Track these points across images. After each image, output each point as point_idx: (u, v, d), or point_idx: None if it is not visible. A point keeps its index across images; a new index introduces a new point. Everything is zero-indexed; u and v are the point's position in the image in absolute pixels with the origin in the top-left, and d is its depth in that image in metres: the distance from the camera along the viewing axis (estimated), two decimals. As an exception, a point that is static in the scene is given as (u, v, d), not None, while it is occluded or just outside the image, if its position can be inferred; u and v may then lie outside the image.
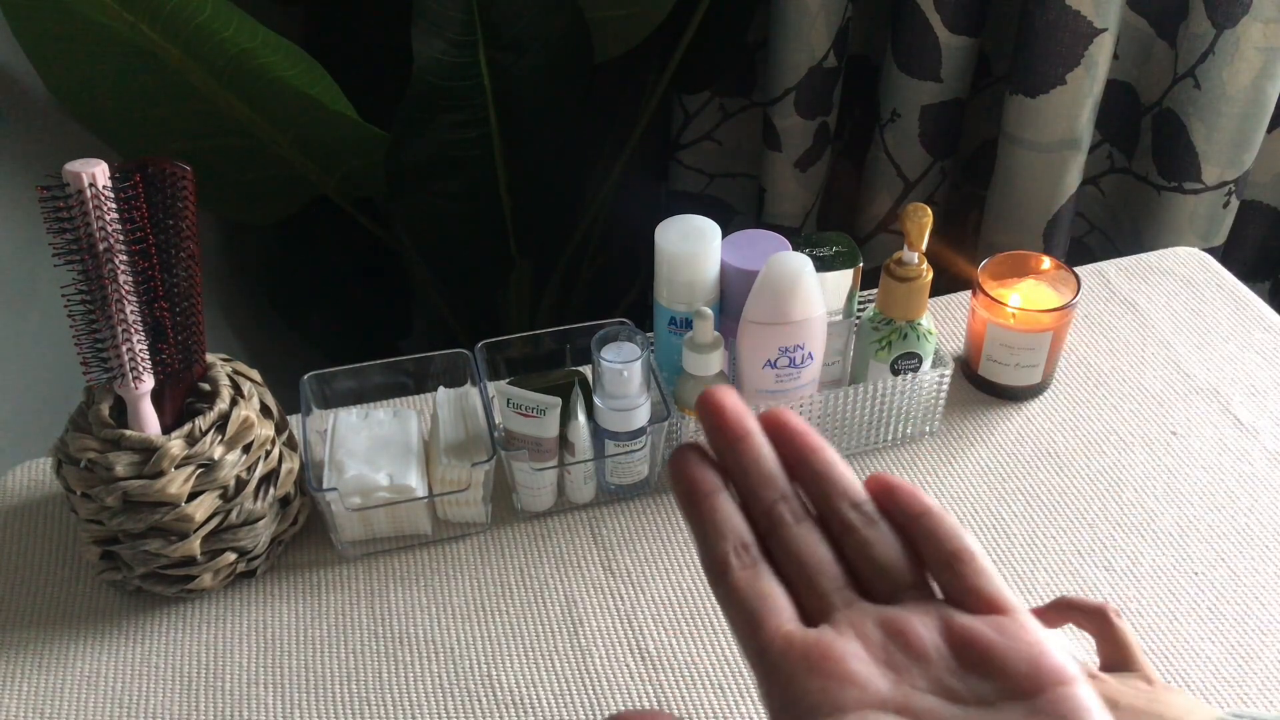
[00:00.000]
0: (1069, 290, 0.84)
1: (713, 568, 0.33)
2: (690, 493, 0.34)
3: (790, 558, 0.33)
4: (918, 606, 0.32)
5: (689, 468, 0.35)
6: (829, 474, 0.34)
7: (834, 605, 0.32)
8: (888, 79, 1.28)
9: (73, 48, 1.00)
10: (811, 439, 0.35)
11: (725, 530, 0.33)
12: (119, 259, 0.64)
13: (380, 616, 0.73)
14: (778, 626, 0.31)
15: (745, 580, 0.32)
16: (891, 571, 0.33)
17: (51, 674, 0.71)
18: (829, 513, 0.34)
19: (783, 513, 0.34)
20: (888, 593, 0.33)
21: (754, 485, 0.34)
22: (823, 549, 0.33)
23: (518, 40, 1.09)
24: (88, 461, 0.68)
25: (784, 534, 0.34)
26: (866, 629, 0.31)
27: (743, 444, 0.34)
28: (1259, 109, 1.11)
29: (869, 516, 0.34)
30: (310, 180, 1.22)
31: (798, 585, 0.33)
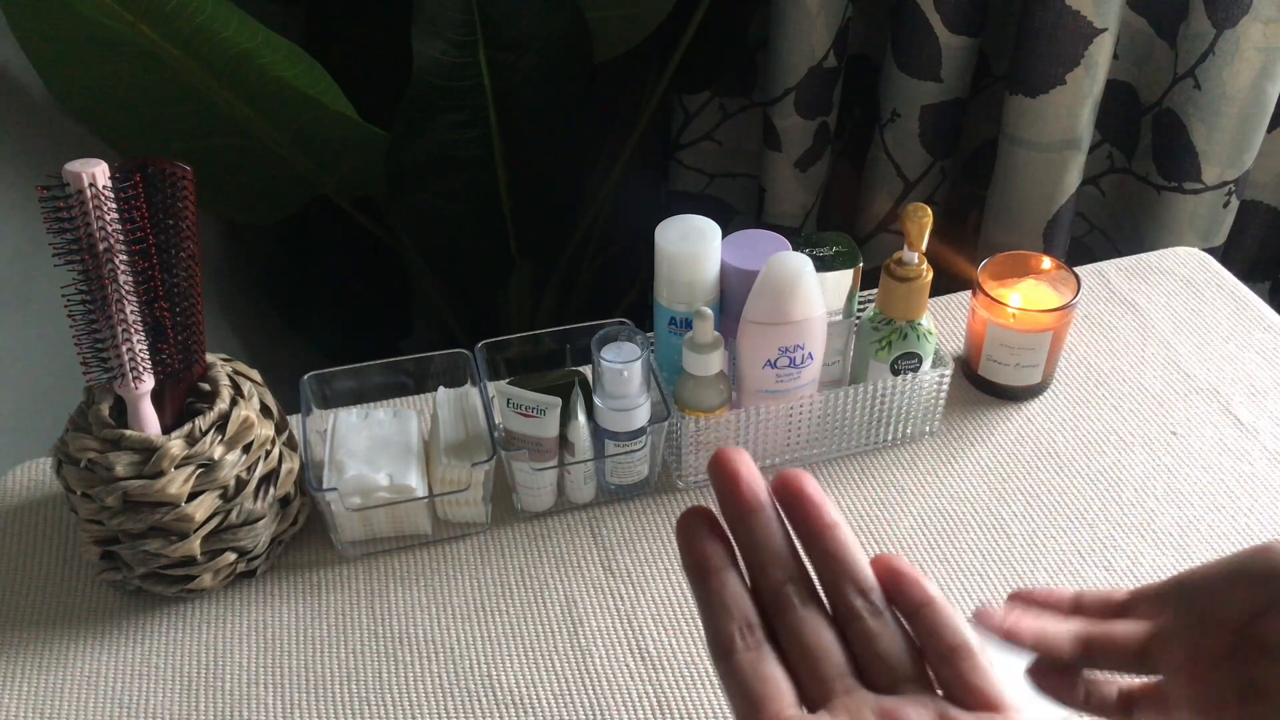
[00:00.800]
0: (1069, 290, 0.84)
1: (717, 646, 0.34)
2: (699, 567, 0.35)
3: (794, 641, 0.34)
4: (916, 700, 0.33)
5: (698, 542, 0.35)
6: (840, 556, 0.35)
7: (834, 692, 0.33)
8: (888, 79, 1.28)
9: (73, 48, 0.99)
10: (826, 515, 0.35)
11: (732, 610, 0.34)
12: (119, 259, 0.64)
13: (380, 616, 0.73)
14: (777, 711, 0.32)
15: (749, 662, 0.33)
16: (893, 663, 0.34)
17: (51, 674, 0.71)
18: (836, 597, 0.35)
19: (790, 595, 0.34)
20: (888, 683, 0.33)
21: (763, 562, 0.35)
22: (827, 635, 0.34)
23: (517, 40, 1.09)
24: (88, 461, 0.68)
25: (790, 617, 0.34)
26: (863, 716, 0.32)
27: (754, 518, 0.35)
28: (1259, 109, 1.11)
29: (875, 607, 0.34)
30: (310, 180, 1.22)
31: (800, 669, 0.34)
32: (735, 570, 0.35)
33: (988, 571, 0.75)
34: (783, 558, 0.35)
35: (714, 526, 0.36)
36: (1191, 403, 0.87)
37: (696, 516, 0.36)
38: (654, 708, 0.68)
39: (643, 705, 0.68)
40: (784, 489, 0.35)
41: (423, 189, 1.18)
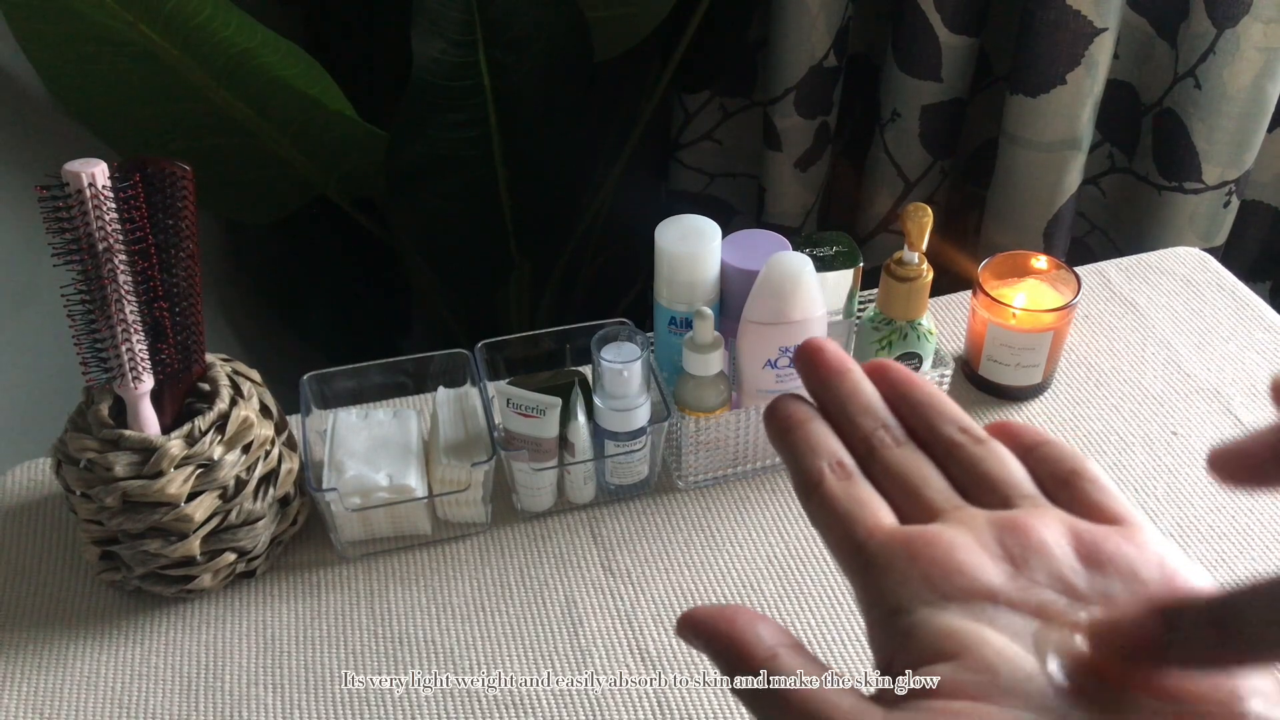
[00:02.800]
0: (1069, 290, 0.84)
1: (805, 484, 0.31)
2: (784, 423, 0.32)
3: (892, 475, 0.31)
4: (1036, 511, 0.29)
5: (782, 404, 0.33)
6: (933, 403, 0.32)
7: (941, 509, 0.29)
8: (888, 78, 1.28)
9: (72, 47, 0.99)
10: (915, 377, 0.33)
11: (819, 449, 0.31)
12: (118, 259, 0.63)
13: (380, 617, 0.73)
14: (877, 522, 0.29)
15: (841, 489, 0.30)
16: (1005, 484, 0.30)
17: (51, 674, 0.70)
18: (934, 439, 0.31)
19: (883, 437, 0.31)
20: (1001, 503, 0.30)
21: (852, 415, 0.32)
22: (927, 465, 0.31)
23: (517, 39, 1.08)
24: (87, 461, 0.68)
25: (884, 455, 0.31)
26: (978, 524, 0.28)
27: (841, 379, 0.32)
28: (1259, 109, 1.11)
29: (977, 437, 0.31)
30: (310, 180, 1.22)
31: (900, 500, 0.30)
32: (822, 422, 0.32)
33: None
34: (873, 408, 0.32)
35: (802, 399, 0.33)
36: (1192, 403, 0.87)
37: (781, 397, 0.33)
38: (654, 708, 0.68)
39: (643, 705, 0.68)
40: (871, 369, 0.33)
41: (422, 189, 1.18)
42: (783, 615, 0.73)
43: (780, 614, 0.73)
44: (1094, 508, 0.30)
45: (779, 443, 0.32)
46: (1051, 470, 0.31)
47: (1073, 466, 0.30)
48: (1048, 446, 0.31)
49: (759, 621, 0.29)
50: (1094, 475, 0.30)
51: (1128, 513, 0.29)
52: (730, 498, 0.81)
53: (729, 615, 0.30)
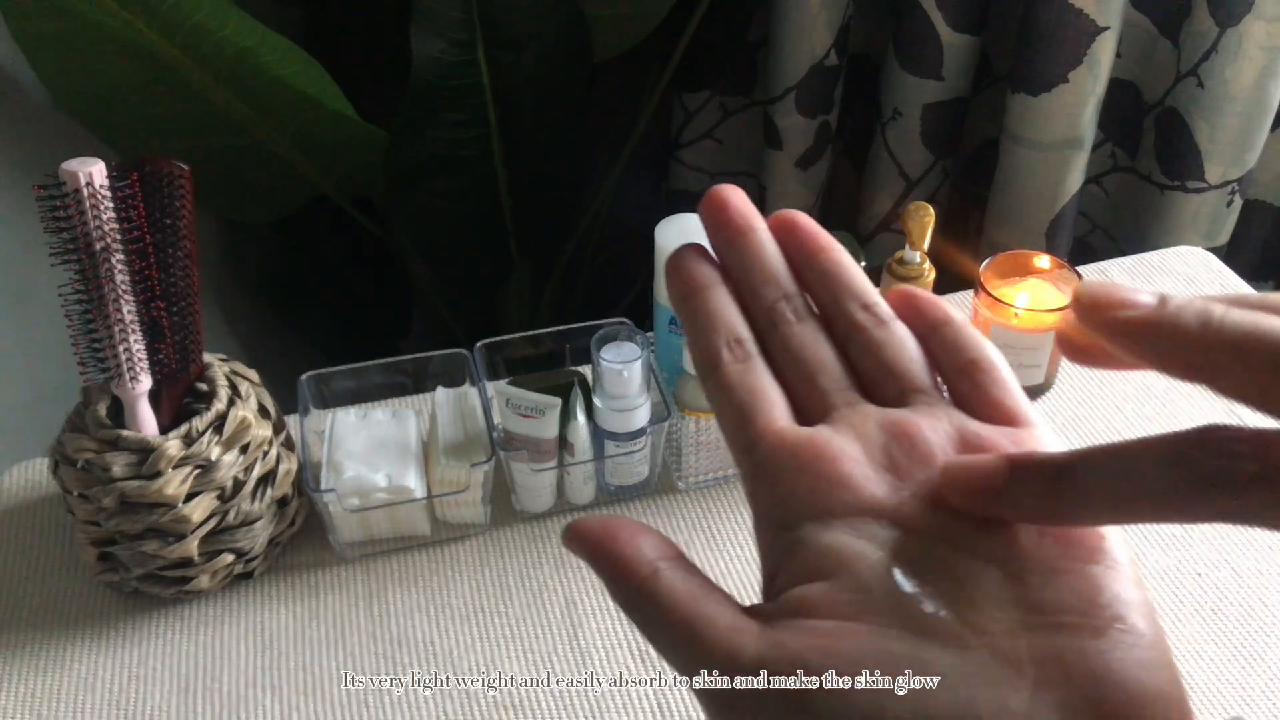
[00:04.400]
0: (1071, 290, 0.83)
1: (703, 362, 0.31)
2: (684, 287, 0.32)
3: (790, 355, 0.30)
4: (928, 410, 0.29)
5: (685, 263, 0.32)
6: (839, 274, 0.31)
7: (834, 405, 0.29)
8: (889, 77, 1.28)
9: (70, 47, 0.99)
10: (823, 238, 0.32)
11: (718, 323, 0.31)
12: (116, 258, 0.63)
13: (379, 618, 0.73)
14: (768, 423, 0.29)
15: (736, 374, 0.30)
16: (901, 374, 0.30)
17: (49, 676, 0.70)
18: (836, 314, 0.31)
19: (784, 310, 0.31)
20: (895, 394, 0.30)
21: (755, 283, 0.31)
22: (826, 348, 0.31)
23: (516, 39, 1.08)
24: (85, 462, 0.68)
25: (784, 331, 0.31)
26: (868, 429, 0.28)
27: (744, 239, 0.32)
28: (1262, 108, 1.11)
29: (879, 317, 0.31)
30: (309, 180, 1.21)
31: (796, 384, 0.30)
32: (724, 289, 0.31)
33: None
34: (777, 276, 0.31)
35: (705, 254, 0.32)
36: (1194, 403, 0.87)
37: (686, 248, 0.32)
38: (654, 708, 0.67)
39: (643, 706, 0.67)
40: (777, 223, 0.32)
41: (422, 188, 1.18)
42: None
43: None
44: (989, 403, 0.29)
45: (678, 307, 0.32)
46: (952, 357, 0.30)
47: (972, 356, 0.30)
48: (950, 327, 0.31)
49: (640, 535, 0.29)
50: (991, 366, 0.30)
51: (1021, 410, 0.29)
52: (730, 498, 0.80)
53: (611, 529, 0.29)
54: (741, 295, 0.32)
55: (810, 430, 0.29)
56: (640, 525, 0.30)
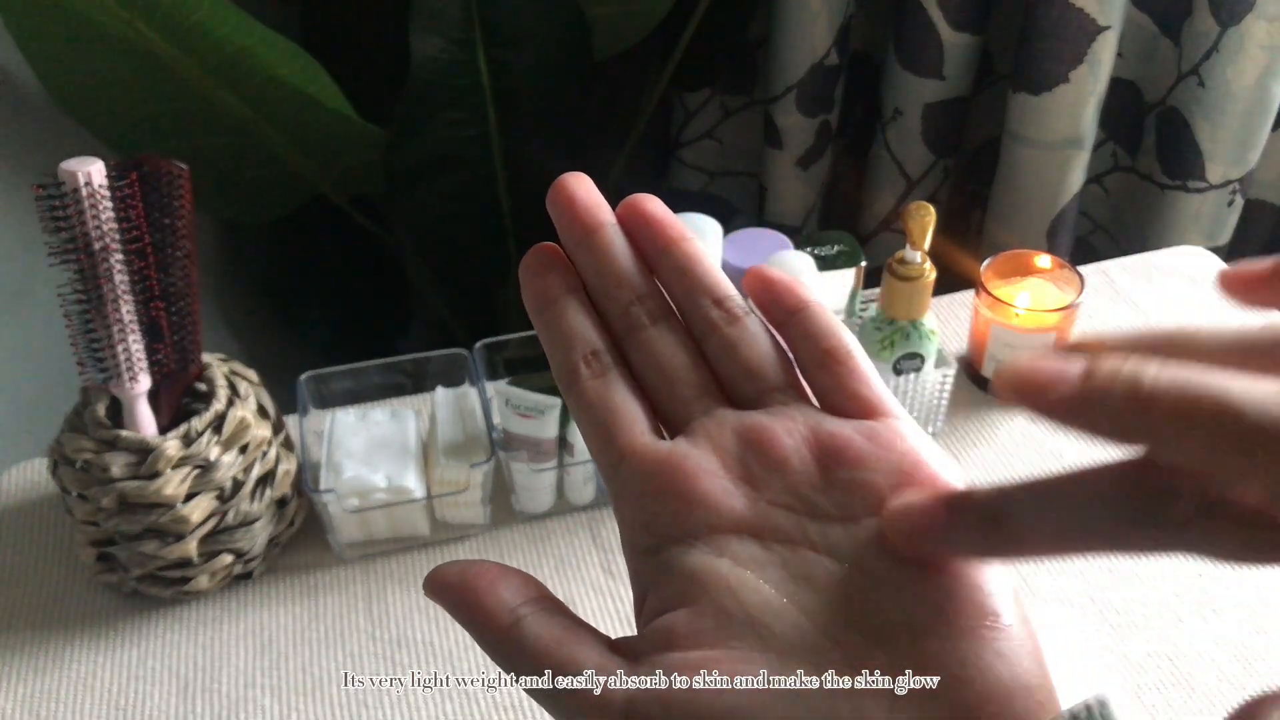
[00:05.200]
0: (1073, 289, 0.83)
1: (563, 378, 0.30)
2: (537, 299, 0.31)
3: (647, 363, 0.30)
4: (783, 411, 0.29)
5: (536, 275, 0.32)
6: (691, 268, 0.31)
7: (693, 414, 0.30)
8: (890, 76, 1.28)
9: (69, 46, 0.99)
10: (672, 228, 0.31)
11: (573, 338, 0.31)
12: (115, 258, 0.63)
13: (378, 619, 0.73)
14: (628, 441, 0.29)
15: (594, 390, 0.30)
16: (757, 373, 0.30)
17: (47, 677, 0.70)
18: (691, 311, 0.31)
19: (638, 314, 0.31)
20: (753, 394, 0.30)
21: (607, 285, 0.31)
22: (681, 353, 0.30)
23: (516, 37, 1.08)
24: (83, 462, 0.68)
25: (640, 337, 0.31)
26: (724, 439, 0.29)
27: (593, 238, 0.31)
28: (1263, 107, 1.11)
29: (732, 314, 0.31)
30: (308, 179, 1.21)
31: (656, 393, 0.30)
32: (577, 298, 0.31)
33: (991, 573, 0.74)
34: (628, 277, 0.31)
35: (558, 259, 0.32)
36: (1196, 403, 0.86)
37: (538, 251, 0.32)
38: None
39: (643, 709, 0.67)
40: (627, 212, 0.32)
41: (421, 187, 1.17)
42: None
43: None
44: (846, 395, 0.29)
45: (533, 319, 0.32)
46: (808, 346, 0.30)
47: (827, 345, 0.30)
48: (805, 313, 0.30)
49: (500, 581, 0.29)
50: (846, 355, 0.30)
51: (878, 400, 0.29)
52: (731, 499, 0.80)
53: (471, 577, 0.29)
54: (595, 294, 0.31)
55: (668, 447, 0.29)
56: (500, 569, 0.29)
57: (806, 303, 0.31)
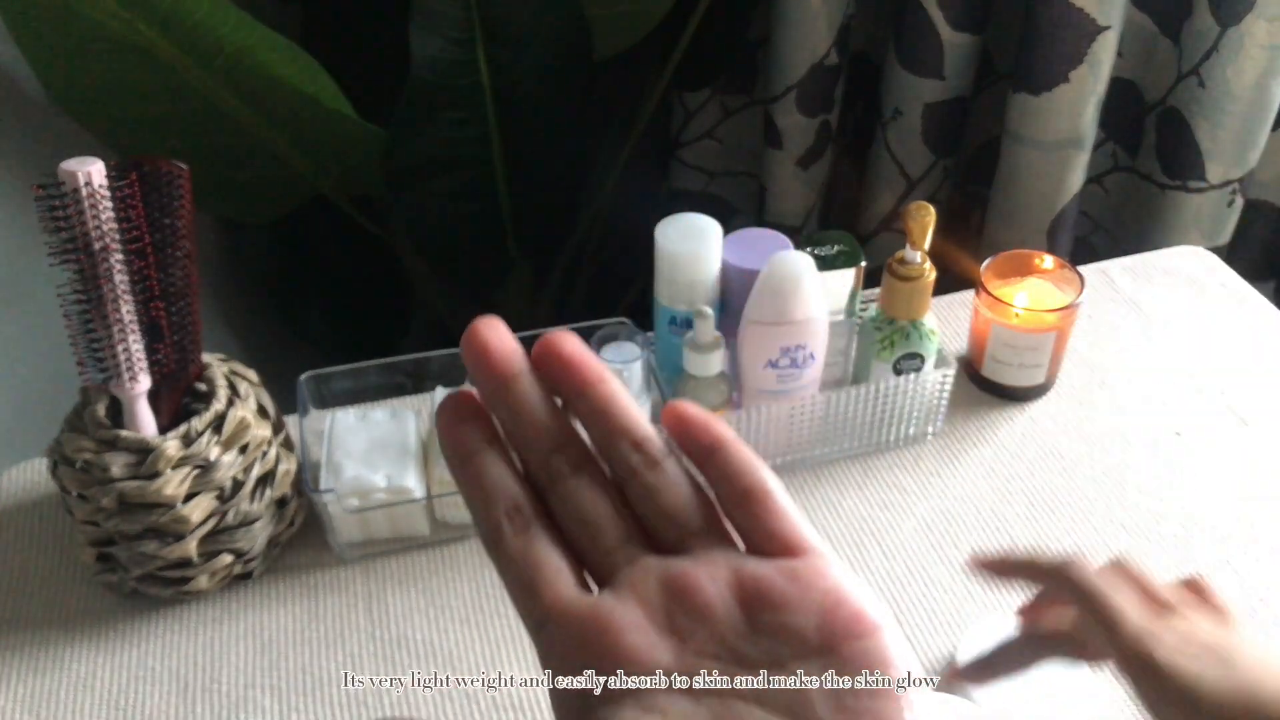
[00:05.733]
0: (1073, 289, 0.83)
1: (486, 535, 0.30)
2: (456, 454, 0.31)
3: (570, 514, 0.30)
4: (706, 556, 0.29)
5: (453, 426, 0.31)
6: (608, 410, 0.31)
7: (617, 563, 0.29)
8: (890, 77, 1.28)
9: (69, 46, 0.99)
10: (589, 369, 0.31)
11: (495, 494, 0.30)
12: (115, 258, 0.63)
13: (378, 619, 0.73)
14: (554, 598, 0.29)
15: (518, 548, 0.29)
16: (679, 517, 0.30)
17: (47, 677, 0.70)
18: (611, 455, 0.31)
19: (559, 465, 0.30)
20: (675, 540, 0.30)
21: (526, 436, 0.31)
22: (603, 502, 0.30)
23: (516, 37, 1.08)
24: (83, 462, 0.68)
25: (562, 488, 0.30)
26: (648, 589, 0.28)
27: (510, 388, 0.31)
28: (1263, 107, 1.11)
29: (651, 458, 0.30)
30: (307, 179, 1.21)
31: (579, 543, 0.30)
32: (497, 450, 0.31)
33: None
34: (546, 426, 0.31)
35: (474, 409, 0.31)
36: (1195, 403, 0.86)
37: (454, 401, 0.32)
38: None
39: (643, 709, 0.67)
40: (542, 353, 0.31)
41: (421, 187, 1.17)
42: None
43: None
44: (766, 535, 0.29)
45: (454, 474, 0.31)
46: (727, 486, 0.30)
47: (745, 485, 0.30)
48: (722, 452, 0.30)
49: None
50: (764, 495, 0.30)
51: (799, 539, 0.29)
52: (731, 499, 0.80)
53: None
54: (515, 443, 0.31)
55: (592, 602, 0.29)
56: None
57: (723, 441, 0.31)
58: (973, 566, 0.55)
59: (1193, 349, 0.91)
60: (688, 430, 0.31)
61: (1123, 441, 0.84)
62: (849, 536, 0.77)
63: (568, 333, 0.32)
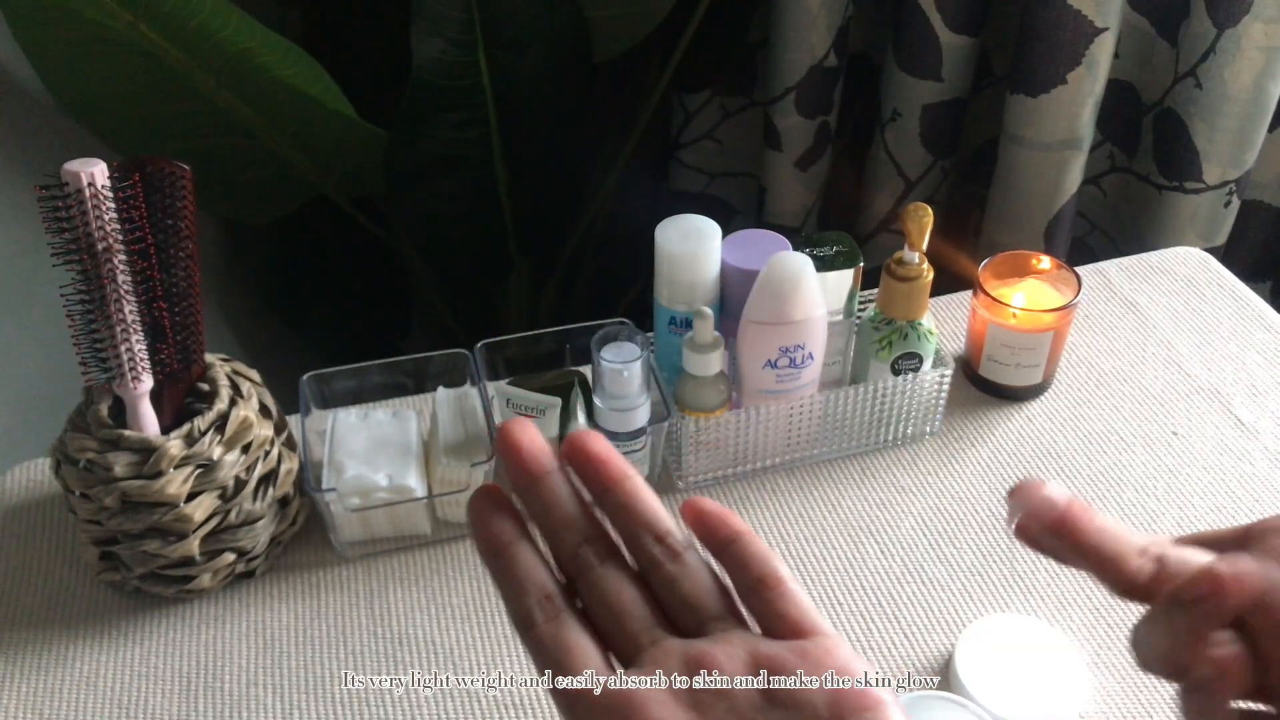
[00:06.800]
0: (1070, 290, 0.84)
1: (518, 623, 0.33)
2: (489, 546, 0.34)
3: (596, 602, 0.33)
4: (724, 637, 0.32)
5: (486, 520, 0.34)
6: (632, 506, 0.34)
7: (641, 646, 0.32)
8: (888, 78, 1.28)
9: (72, 47, 0.99)
10: (614, 467, 0.34)
11: (527, 584, 0.33)
12: (118, 259, 0.63)
13: (380, 617, 0.73)
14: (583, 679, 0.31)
15: (549, 633, 0.32)
16: (699, 604, 0.33)
17: (50, 675, 0.70)
18: (635, 548, 0.34)
19: (587, 555, 0.34)
20: (695, 625, 0.33)
21: (556, 529, 0.34)
22: (629, 590, 0.33)
23: (517, 39, 1.08)
24: (86, 462, 0.68)
25: (590, 577, 0.34)
26: (671, 667, 0.31)
27: (541, 485, 0.34)
28: (1260, 108, 1.11)
29: (673, 550, 0.34)
30: (309, 180, 1.21)
31: (607, 629, 0.33)
32: (527, 542, 0.34)
33: (989, 572, 0.75)
34: (575, 520, 0.34)
35: (504, 503, 0.35)
36: (1192, 403, 0.87)
37: (485, 495, 0.35)
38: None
39: (643, 706, 0.67)
40: (571, 451, 0.35)
41: (422, 188, 1.18)
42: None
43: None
44: (778, 618, 0.32)
45: (485, 562, 0.34)
46: (742, 575, 0.33)
47: (759, 573, 0.33)
48: (738, 544, 0.34)
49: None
50: (776, 582, 0.33)
51: (809, 622, 0.32)
52: (730, 498, 0.80)
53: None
54: (545, 535, 0.34)
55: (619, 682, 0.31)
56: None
57: (739, 533, 0.34)
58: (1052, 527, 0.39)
59: (1190, 349, 0.92)
60: (707, 524, 0.34)
61: (1119, 441, 0.84)
62: (847, 535, 0.77)
63: (594, 432, 0.35)
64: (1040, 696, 0.64)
